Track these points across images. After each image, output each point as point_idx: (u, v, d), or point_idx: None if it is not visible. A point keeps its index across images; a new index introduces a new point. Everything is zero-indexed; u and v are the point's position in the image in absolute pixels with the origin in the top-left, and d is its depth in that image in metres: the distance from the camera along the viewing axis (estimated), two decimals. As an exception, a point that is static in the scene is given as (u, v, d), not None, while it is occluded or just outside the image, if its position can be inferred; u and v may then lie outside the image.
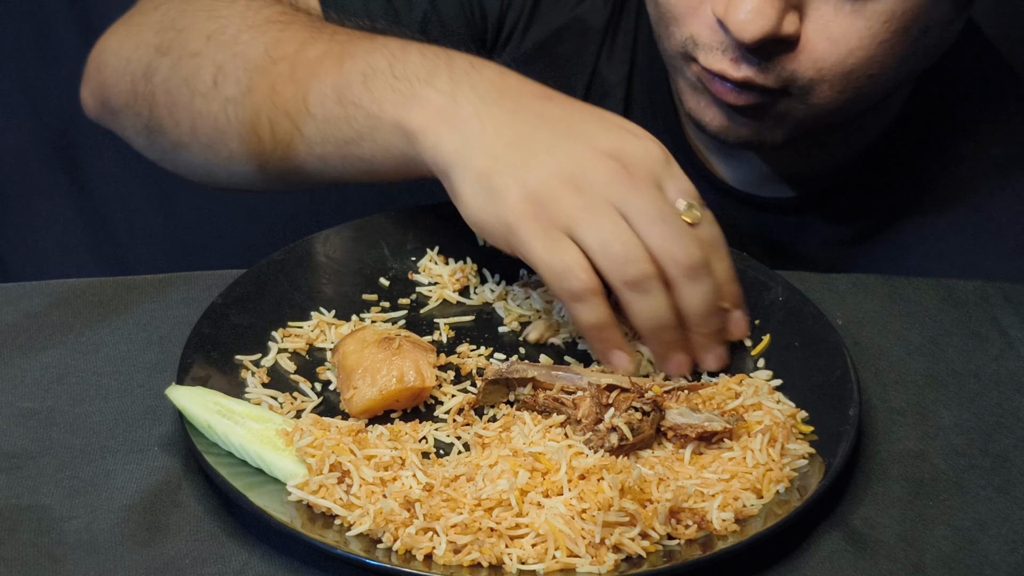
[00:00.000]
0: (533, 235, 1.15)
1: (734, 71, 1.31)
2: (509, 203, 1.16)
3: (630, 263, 1.15)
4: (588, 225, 1.15)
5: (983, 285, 1.34)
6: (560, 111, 1.21)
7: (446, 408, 1.19)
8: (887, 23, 1.28)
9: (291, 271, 1.29)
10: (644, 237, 1.15)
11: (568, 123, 1.20)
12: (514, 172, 1.17)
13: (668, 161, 1.19)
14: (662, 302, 1.17)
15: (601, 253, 1.15)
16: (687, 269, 1.16)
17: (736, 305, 1.23)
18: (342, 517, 1.07)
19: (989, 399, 1.22)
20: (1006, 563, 1.08)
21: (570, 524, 1.04)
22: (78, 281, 1.31)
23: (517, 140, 1.18)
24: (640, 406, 1.13)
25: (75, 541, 1.06)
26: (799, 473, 1.12)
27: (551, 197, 1.15)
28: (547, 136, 1.18)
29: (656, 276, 1.16)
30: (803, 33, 1.29)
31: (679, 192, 1.18)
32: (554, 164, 1.16)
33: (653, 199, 1.16)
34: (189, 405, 1.12)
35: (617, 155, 1.17)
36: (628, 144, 1.18)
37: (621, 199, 1.15)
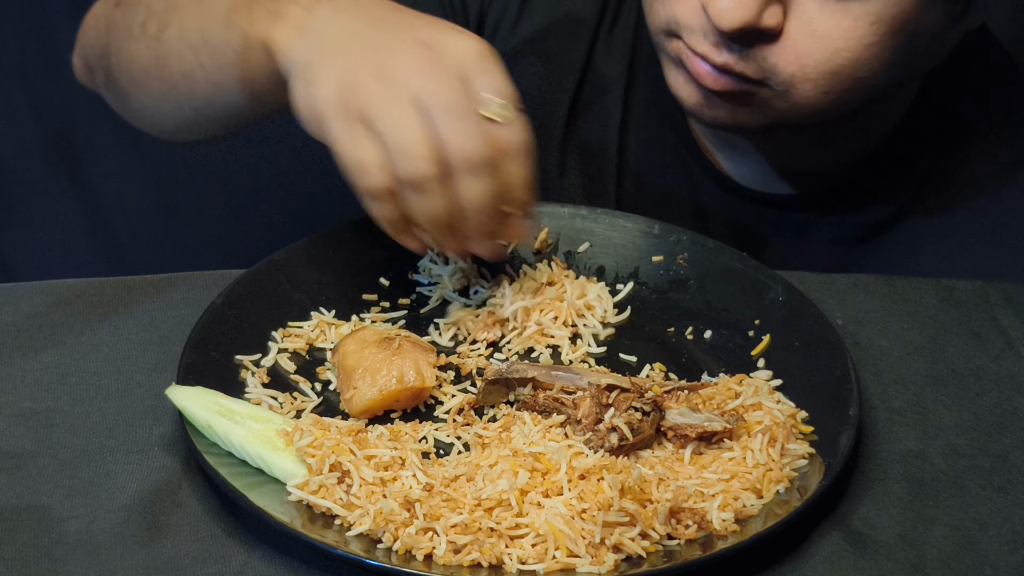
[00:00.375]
0: (336, 126, 1.16)
1: (715, 55, 1.31)
2: (320, 92, 1.17)
3: (410, 160, 1.14)
4: (384, 117, 1.15)
5: (983, 285, 1.34)
6: (399, 15, 1.22)
7: (446, 408, 1.19)
8: (874, 25, 1.27)
9: (291, 271, 1.29)
10: (436, 128, 1.15)
11: (400, 23, 1.20)
12: (331, 63, 1.18)
13: (484, 57, 1.18)
14: (437, 203, 1.16)
15: (390, 147, 1.15)
16: (467, 163, 1.15)
17: (521, 211, 1.21)
18: (342, 517, 1.07)
19: (989, 399, 1.22)
20: (1006, 563, 1.08)
21: (570, 524, 1.04)
22: (78, 281, 1.31)
23: (347, 39, 1.19)
24: (640, 406, 1.13)
25: (75, 541, 1.06)
26: (799, 473, 1.12)
27: (357, 85, 1.16)
28: (374, 33, 1.19)
29: (434, 177, 1.15)
30: (786, 28, 1.29)
31: (487, 87, 1.17)
32: (368, 54, 1.17)
33: (453, 89, 1.15)
34: (189, 405, 1.12)
35: (430, 44, 1.17)
36: (445, 36, 1.18)
37: (422, 88, 1.15)
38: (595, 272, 1.34)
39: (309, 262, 1.31)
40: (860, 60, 1.29)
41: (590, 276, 1.34)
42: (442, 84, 1.15)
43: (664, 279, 1.33)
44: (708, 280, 1.31)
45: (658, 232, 1.35)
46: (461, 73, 1.16)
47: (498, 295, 1.30)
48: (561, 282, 1.31)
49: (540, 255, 1.35)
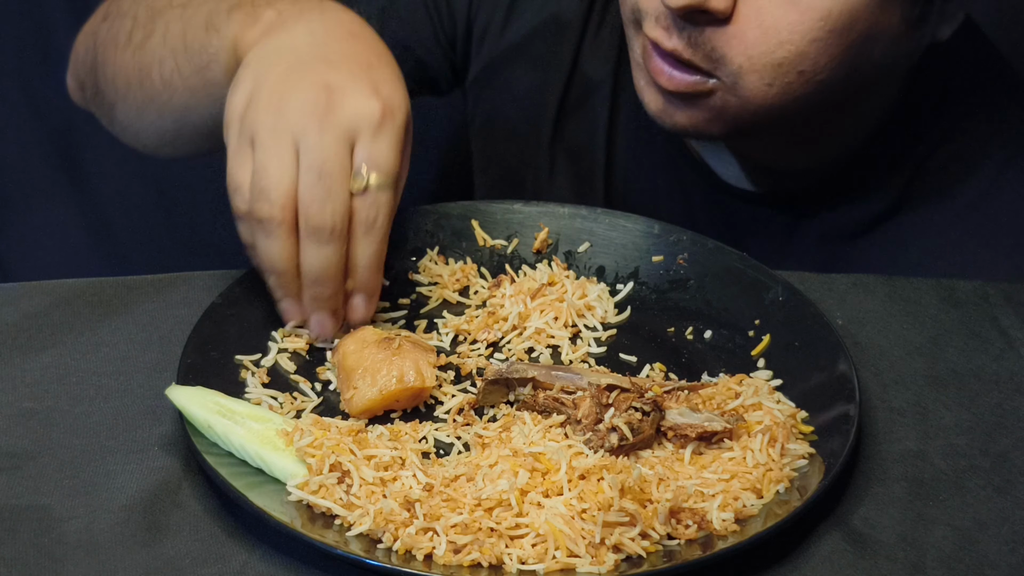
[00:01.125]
0: (232, 140, 1.18)
1: (666, 40, 1.31)
2: (233, 98, 1.19)
3: (265, 200, 1.15)
4: (261, 147, 1.16)
5: (983, 285, 1.34)
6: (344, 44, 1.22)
7: (446, 408, 1.19)
8: (822, 20, 1.27)
9: (291, 271, 1.29)
10: (299, 180, 1.15)
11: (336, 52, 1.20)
12: (250, 71, 1.19)
13: (378, 126, 1.17)
14: (280, 250, 1.17)
15: (255, 177, 1.16)
16: (313, 229, 1.16)
17: (363, 291, 1.22)
18: (342, 517, 1.07)
19: (989, 399, 1.22)
20: (1006, 563, 1.08)
21: (570, 524, 1.04)
22: (78, 281, 1.31)
23: (281, 51, 1.20)
24: (640, 406, 1.13)
25: (75, 541, 1.06)
26: (799, 473, 1.12)
27: (255, 105, 1.17)
28: (303, 55, 1.19)
29: (281, 224, 1.16)
30: (736, 15, 1.29)
31: (366, 157, 1.17)
32: (278, 76, 1.18)
33: (326, 148, 1.15)
34: (189, 405, 1.12)
35: (333, 92, 1.17)
36: (353, 88, 1.17)
37: (302, 133, 1.15)
38: (595, 272, 1.34)
39: (309, 262, 1.30)
40: (804, 55, 1.29)
41: (590, 276, 1.34)
42: (320, 138, 1.15)
43: (664, 279, 1.33)
44: (708, 280, 1.31)
45: (658, 232, 1.35)
46: (348, 133, 1.16)
47: (498, 295, 1.30)
48: (561, 282, 1.31)
49: (540, 255, 1.35)
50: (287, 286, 1.20)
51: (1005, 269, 1.42)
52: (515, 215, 1.36)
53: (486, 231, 1.36)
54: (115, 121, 1.48)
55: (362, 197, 1.17)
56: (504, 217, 1.36)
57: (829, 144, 1.48)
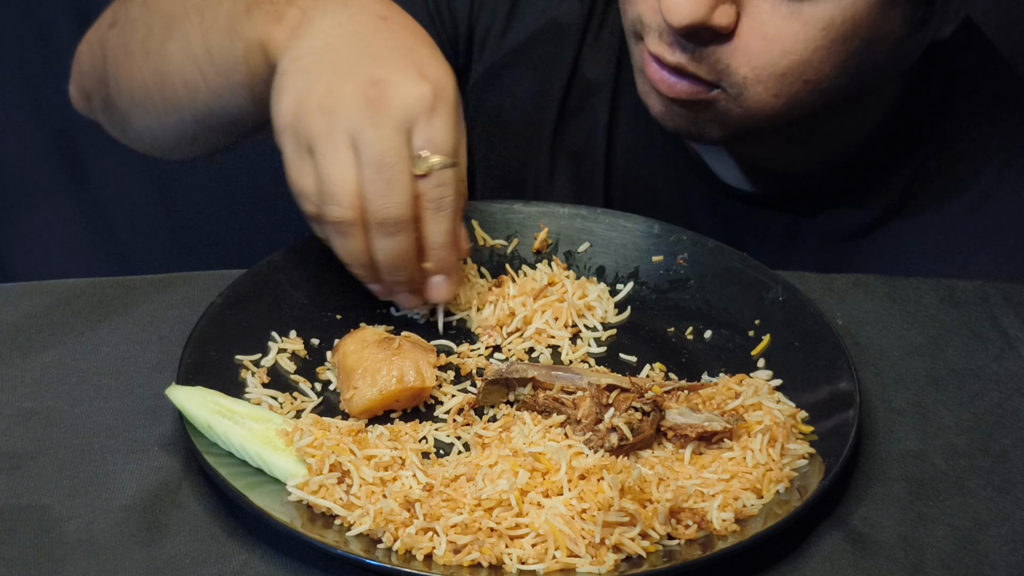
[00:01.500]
0: (287, 147, 1.19)
1: (669, 55, 1.31)
2: (280, 107, 1.20)
3: (334, 204, 1.17)
4: (320, 152, 1.17)
5: (983, 285, 1.34)
6: (380, 34, 1.22)
7: (446, 408, 1.19)
8: (824, 30, 1.27)
9: (291, 271, 1.29)
10: (360, 178, 1.17)
11: (374, 44, 1.21)
12: (293, 78, 1.20)
13: (432, 107, 1.18)
14: (356, 246, 1.20)
15: (320, 183, 1.18)
16: (380, 222, 1.18)
17: (441, 270, 1.23)
18: (342, 517, 1.07)
19: (989, 399, 1.22)
20: (1006, 563, 1.08)
21: (570, 524, 1.04)
22: (78, 281, 1.31)
23: (319, 51, 1.21)
24: (640, 406, 1.13)
25: (75, 541, 1.06)
26: (799, 473, 1.12)
27: (306, 112, 1.18)
28: (343, 53, 1.20)
29: (354, 222, 1.18)
30: (739, 28, 1.29)
31: (424, 141, 1.18)
32: (324, 79, 1.19)
33: (384, 140, 1.16)
34: (189, 405, 1.12)
35: (381, 85, 1.18)
36: (401, 78, 1.18)
37: (358, 131, 1.17)
38: (595, 272, 1.34)
39: (309, 262, 1.30)
40: (809, 63, 1.29)
41: (590, 276, 1.34)
42: (376, 131, 1.16)
43: (664, 279, 1.33)
44: (708, 280, 1.31)
45: (658, 232, 1.35)
46: (404, 121, 1.17)
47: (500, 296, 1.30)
48: (562, 282, 1.31)
49: (540, 255, 1.35)
50: (368, 274, 1.23)
51: (1006, 270, 1.42)
52: (515, 215, 1.36)
53: (486, 231, 1.36)
54: (130, 129, 1.48)
55: (427, 180, 1.18)
56: (504, 217, 1.36)
57: (829, 146, 1.48)
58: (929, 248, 1.46)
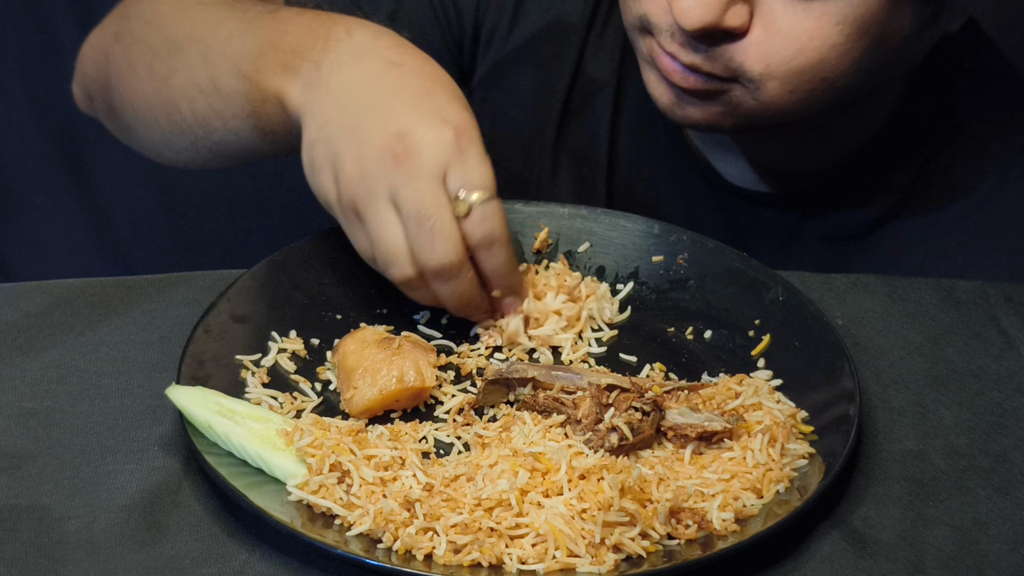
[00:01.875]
0: (340, 217, 1.22)
1: (683, 55, 1.31)
2: (321, 181, 1.22)
3: (392, 266, 1.20)
4: (367, 219, 1.20)
5: (983, 285, 1.34)
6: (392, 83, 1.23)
7: (446, 408, 1.19)
8: (839, 26, 1.27)
9: (291, 271, 1.29)
10: (407, 235, 1.19)
11: (388, 96, 1.22)
12: (325, 148, 1.21)
13: (457, 148, 1.20)
14: (424, 297, 1.23)
15: (374, 248, 1.21)
16: (433, 272, 1.20)
17: (509, 293, 1.26)
18: (342, 517, 1.07)
19: (989, 399, 1.22)
20: (1006, 563, 1.08)
21: (570, 524, 1.04)
22: (78, 281, 1.31)
23: (340, 112, 1.22)
24: (640, 406, 1.13)
25: (75, 541, 1.06)
26: (799, 473, 1.12)
27: (344, 183, 1.20)
28: (359, 111, 1.21)
29: (415, 276, 1.21)
30: (752, 27, 1.29)
31: (461, 182, 1.19)
32: (351, 147, 1.20)
33: (419, 193, 1.18)
34: (189, 405, 1.12)
35: (405, 138, 1.19)
36: (422, 128, 1.19)
37: (394, 190, 1.19)
38: (595, 272, 1.34)
39: (309, 262, 1.31)
40: (826, 60, 1.29)
41: (590, 276, 1.34)
42: (411, 186, 1.18)
43: (664, 279, 1.33)
44: (708, 280, 1.31)
45: (658, 232, 1.35)
46: (435, 169, 1.19)
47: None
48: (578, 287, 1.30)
49: (540, 255, 1.35)
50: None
51: (1008, 270, 1.42)
52: (515, 215, 1.36)
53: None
54: (135, 140, 1.49)
55: (471, 218, 1.20)
56: (504, 217, 1.36)
57: (834, 145, 1.48)
58: (932, 247, 1.46)
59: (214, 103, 1.34)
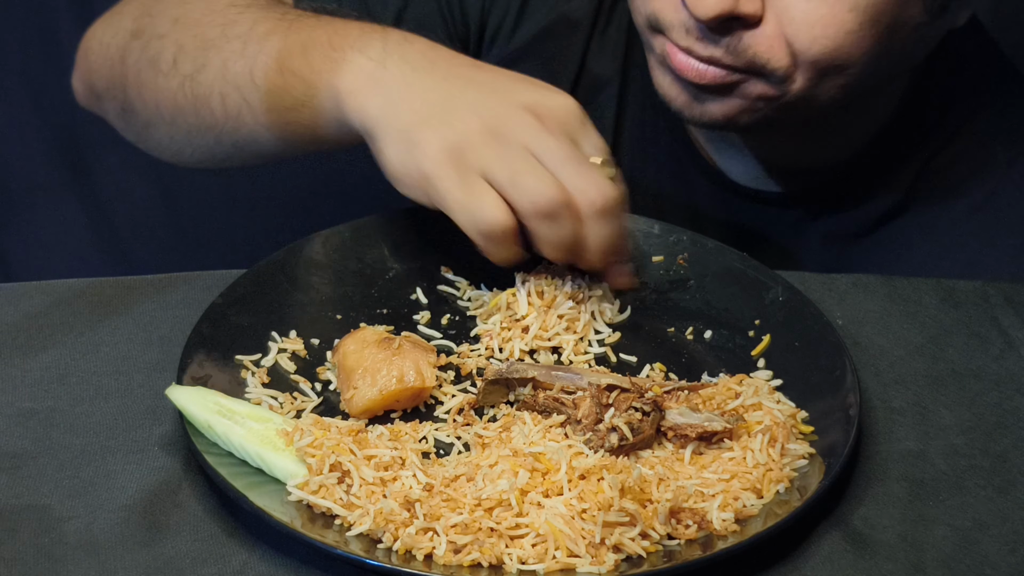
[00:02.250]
0: (449, 181, 1.18)
1: (700, 49, 1.31)
2: (428, 153, 1.19)
3: (541, 193, 1.18)
4: (501, 167, 1.18)
5: (983, 285, 1.34)
6: (485, 75, 1.25)
7: (446, 408, 1.19)
8: (852, 12, 1.28)
9: (291, 271, 1.29)
10: (558, 176, 1.18)
11: (491, 84, 1.23)
12: (434, 126, 1.20)
13: (583, 120, 1.22)
14: (569, 231, 1.20)
15: (513, 186, 1.18)
16: (600, 206, 1.19)
17: (622, 259, 1.27)
18: (342, 517, 1.07)
19: (989, 399, 1.22)
20: (1006, 563, 1.08)
21: (570, 524, 1.04)
22: (78, 281, 1.31)
23: (440, 100, 1.22)
24: (640, 406, 1.13)
25: (75, 541, 1.06)
26: (799, 473, 1.12)
27: (469, 145, 1.18)
28: (470, 95, 1.22)
29: (567, 205, 1.19)
30: (766, 16, 1.29)
31: (593, 148, 1.22)
32: (473, 118, 1.20)
33: (566, 144, 1.19)
34: (189, 405, 1.12)
35: (534, 108, 1.20)
36: (546, 99, 1.21)
37: (536, 144, 1.19)
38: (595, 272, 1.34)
39: (309, 262, 1.31)
40: (840, 48, 1.29)
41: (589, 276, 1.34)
42: (555, 140, 1.19)
43: (664, 279, 1.33)
44: (708, 280, 1.31)
45: (658, 232, 1.35)
46: (568, 133, 1.21)
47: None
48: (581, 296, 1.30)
49: None
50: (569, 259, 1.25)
51: (1010, 269, 1.42)
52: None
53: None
54: (149, 138, 1.48)
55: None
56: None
57: (840, 143, 1.48)
58: (934, 246, 1.46)
59: (250, 98, 1.34)
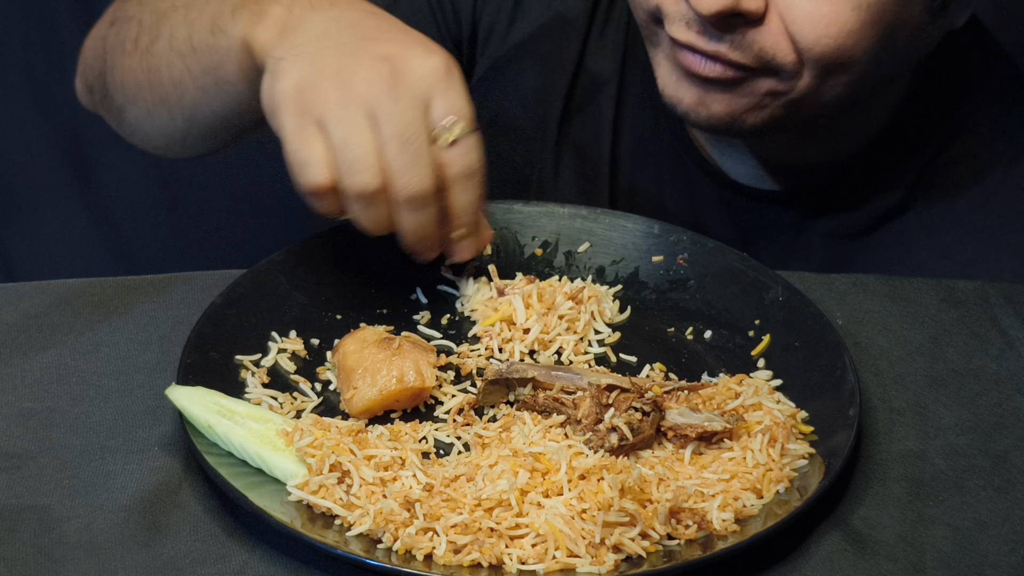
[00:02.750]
0: (289, 120, 1.17)
1: (703, 44, 1.31)
2: (279, 85, 1.18)
3: (358, 172, 1.16)
4: (336, 121, 1.16)
5: (983, 285, 1.34)
6: (370, 21, 1.23)
7: (446, 408, 1.19)
8: (855, 11, 1.28)
9: (291, 271, 1.29)
10: (383, 150, 1.16)
11: (372, 30, 1.21)
12: (295, 60, 1.19)
13: (447, 77, 1.18)
14: (381, 214, 1.19)
15: (339, 152, 1.16)
16: (408, 197, 1.17)
17: (469, 233, 1.23)
18: (342, 517, 1.07)
19: (989, 399, 1.22)
20: (1006, 563, 1.08)
21: (570, 524, 1.04)
22: (78, 281, 1.31)
23: (316, 39, 1.20)
24: (640, 406, 1.13)
25: (75, 541, 1.06)
26: (799, 473, 1.12)
27: (313, 86, 1.17)
28: (344, 37, 1.20)
29: (379, 190, 1.17)
30: (769, 14, 1.29)
31: (445, 110, 1.18)
32: (330, 58, 1.18)
33: (405, 112, 1.16)
34: (189, 405, 1.12)
35: (393, 60, 1.18)
36: (410, 53, 1.18)
37: (377, 103, 1.16)
38: (595, 272, 1.34)
39: (309, 262, 1.31)
40: (844, 47, 1.29)
41: (590, 276, 1.34)
42: (397, 104, 1.16)
43: (664, 279, 1.33)
44: (708, 280, 1.31)
45: (658, 232, 1.35)
46: (420, 94, 1.17)
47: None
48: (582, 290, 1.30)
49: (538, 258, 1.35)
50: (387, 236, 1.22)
51: (1012, 268, 1.42)
52: (515, 215, 1.36)
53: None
54: (124, 123, 1.49)
55: (455, 148, 1.18)
56: (504, 217, 1.36)
57: (842, 142, 1.48)
58: (935, 245, 1.46)
59: (188, 62, 1.34)
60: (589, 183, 1.55)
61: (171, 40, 1.36)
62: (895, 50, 1.33)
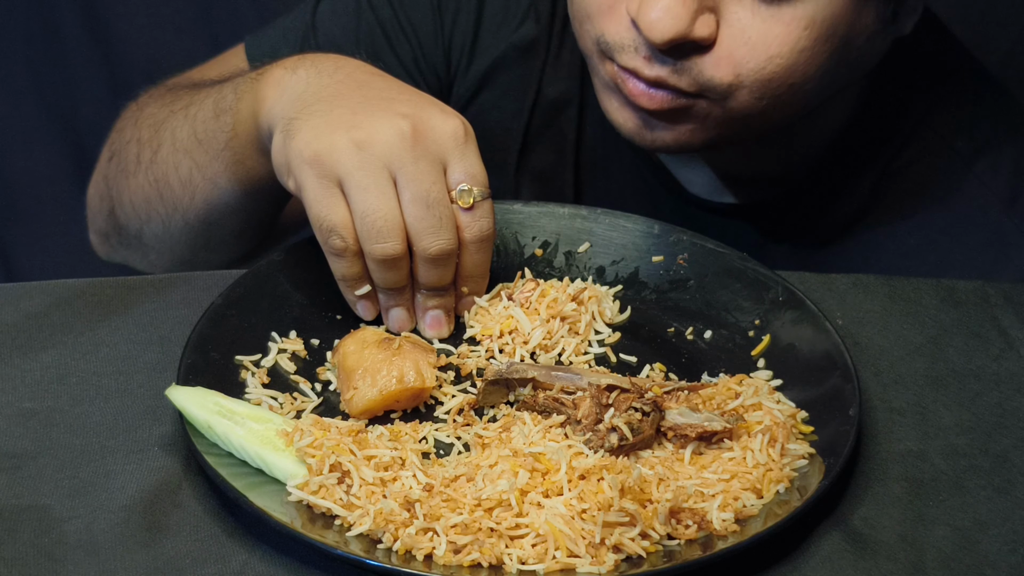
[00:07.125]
0: (309, 180, 1.18)
1: (647, 69, 1.30)
2: (297, 145, 1.19)
3: (382, 240, 1.18)
4: (357, 187, 1.17)
5: (983, 285, 1.34)
6: (382, 82, 1.24)
7: (446, 408, 1.19)
8: (807, 30, 1.27)
9: (291, 271, 1.29)
10: (405, 212, 1.18)
11: (384, 91, 1.23)
12: (311, 119, 1.20)
13: (464, 141, 1.20)
14: (402, 276, 1.21)
15: (361, 220, 1.18)
16: (431, 257, 1.19)
17: (475, 294, 1.26)
18: (342, 517, 1.07)
19: (989, 399, 1.22)
20: (1006, 563, 1.08)
21: (570, 524, 1.04)
22: (78, 281, 1.31)
23: (328, 97, 1.21)
24: (640, 406, 1.13)
25: (75, 541, 1.06)
26: (799, 473, 1.12)
27: (334, 147, 1.17)
28: (357, 98, 1.21)
29: (403, 255, 1.19)
30: (720, 37, 1.28)
31: (463, 174, 1.20)
32: (348, 118, 1.19)
33: (426, 174, 1.18)
34: (189, 405, 1.12)
35: (412, 120, 1.19)
36: (427, 114, 1.20)
37: (397, 165, 1.17)
38: (595, 272, 1.34)
39: (309, 262, 1.31)
40: (794, 66, 1.28)
41: (590, 276, 1.34)
42: (417, 166, 1.17)
43: (664, 279, 1.33)
44: (708, 280, 1.31)
45: (658, 232, 1.35)
46: (439, 156, 1.19)
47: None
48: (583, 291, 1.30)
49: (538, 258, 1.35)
50: (404, 301, 1.24)
51: (978, 265, 1.41)
52: (515, 215, 1.36)
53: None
54: (146, 249, 1.49)
55: (471, 212, 1.20)
56: (504, 217, 1.36)
57: (797, 149, 1.47)
58: (900, 248, 1.45)
59: (196, 157, 1.35)
60: None
61: (174, 142, 1.37)
62: (848, 61, 1.32)
